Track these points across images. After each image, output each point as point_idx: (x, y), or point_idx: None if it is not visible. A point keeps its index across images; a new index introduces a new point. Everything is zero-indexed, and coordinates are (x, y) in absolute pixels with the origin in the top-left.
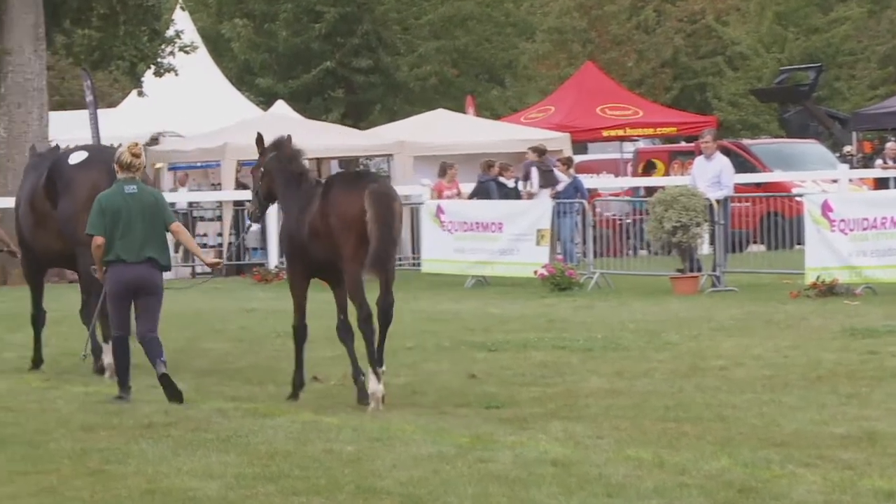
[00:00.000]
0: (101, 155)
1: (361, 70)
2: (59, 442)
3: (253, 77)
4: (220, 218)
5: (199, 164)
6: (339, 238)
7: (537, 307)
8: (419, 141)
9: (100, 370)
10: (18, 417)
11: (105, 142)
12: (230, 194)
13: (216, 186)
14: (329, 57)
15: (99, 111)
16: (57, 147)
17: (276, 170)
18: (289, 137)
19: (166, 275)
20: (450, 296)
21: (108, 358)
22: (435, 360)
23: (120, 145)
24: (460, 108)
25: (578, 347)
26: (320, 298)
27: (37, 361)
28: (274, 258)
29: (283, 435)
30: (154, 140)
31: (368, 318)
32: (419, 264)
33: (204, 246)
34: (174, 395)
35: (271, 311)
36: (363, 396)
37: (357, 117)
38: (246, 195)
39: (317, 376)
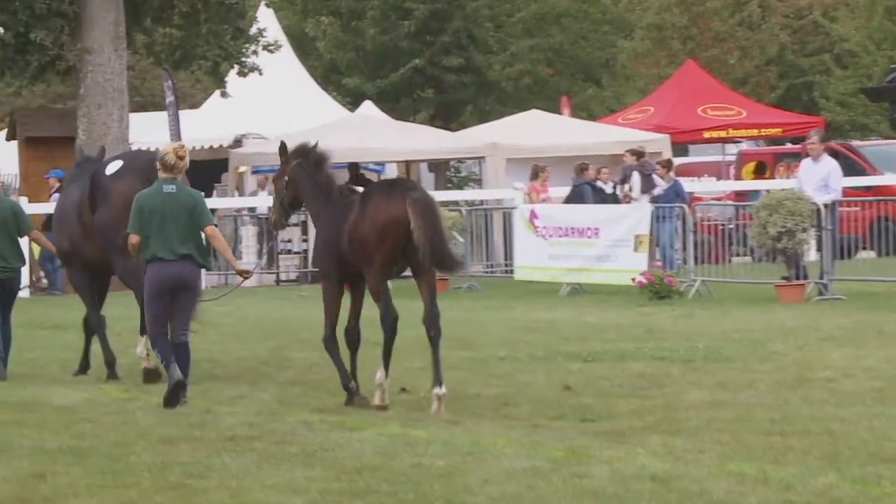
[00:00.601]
0: (134, 163)
1: (452, 69)
2: (139, 455)
3: (339, 76)
4: (304, 223)
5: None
6: (373, 244)
7: (635, 316)
8: (512, 143)
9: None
10: (97, 429)
11: (189, 143)
12: None
13: None
14: (418, 55)
15: (180, 112)
16: (102, 151)
17: (303, 178)
18: (315, 144)
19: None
20: (544, 304)
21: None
22: (528, 371)
23: (157, 149)
24: (555, 109)
25: (678, 358)
26: (411, 306)
27: (83, 367)
28: None
29: (370, 449)
30: (237, 142)
31: (394, 323)
32: (512, 271)
33: (288, 252)
34: (172, 400)
35: (365, 318)
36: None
37: (447, 118)
38: None
39: (405, 387)
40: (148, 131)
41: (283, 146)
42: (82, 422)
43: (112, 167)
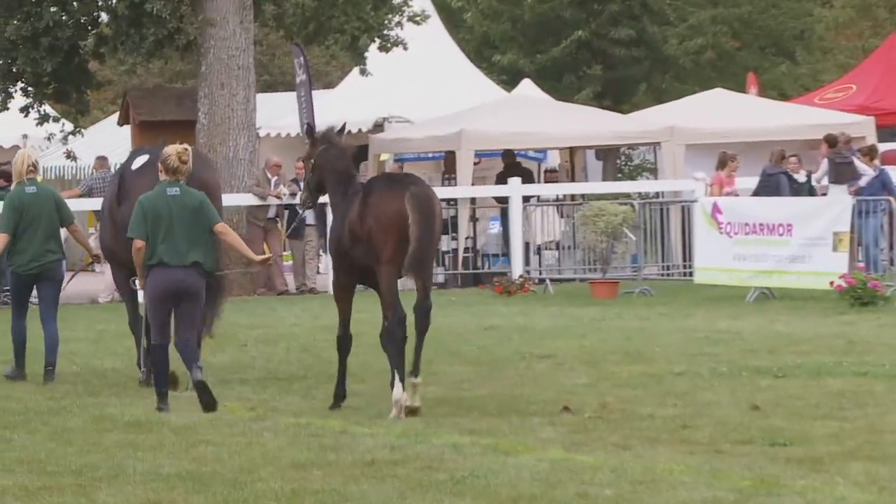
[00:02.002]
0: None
1: (622, 42)
2: (266, 482)
3: (493, 51)
4: (453, 218)
5: (429, 155)
6: (377, 241)
7: (834, 325)
8: (692, 126)
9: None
10: (220, 453)
11: (320, 128)
12: (466, 190)
13: (449, 181)
14: (583, 27)
15: (313, 93)
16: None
17: (327, 165)
18: (340, 129)
19: None
20: (728, 311)
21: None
22: (710, 389)
23: (186, 148)
24: (741, 88)
25: (883, 374)
26: (589, 314)
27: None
28: (518, 266)
29: (528, 476)
30: (378, 127)
31: (401, 323)
32: (691, 274)
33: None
34: (209, 404)
35: (516, 328)
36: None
37: (617, 98)
38: (484, 191)
39: (567, 406)
40: (277, 114)
41: (310, 128)
42: (203, 444)
43: (138, 161)
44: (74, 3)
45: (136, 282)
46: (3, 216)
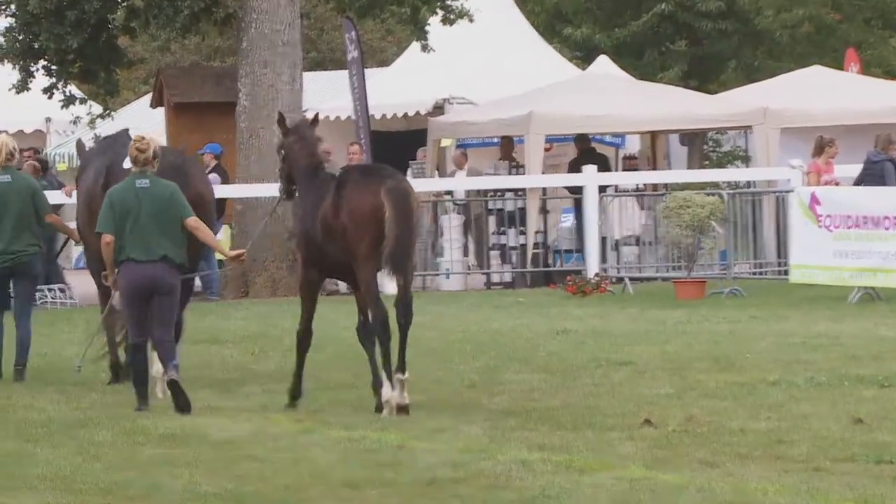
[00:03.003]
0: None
1: (709, 15)
2: (316, 502)
3: (566, 25)
4: (522, 210)
5: (495, 140)
6: (353, 237)
7: None
8: (787, 108)
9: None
10: (265, 469)
11: (374, 111)
12: (535, 180)
13: (517, 169)
14: None
15: (366, 71)
16: (125, 133)
17: (295, 156)
18: (313, 120)
19: None
20: (827, 314)
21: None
22: (807, 400)
23: (182, 148)
24: (840, 65)
25: None
26: (673, 317)
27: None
28: (594, 264)
29: (605, 496)
30: (438, 108)
31: (385, 322)
32: (786, 272)
33: (502, 248)
34: (182, 405)
35: (591, 332)
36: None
37: (703, 77)
38: (556, 180)
39: (648, 419)
40: (326, 95)
41: (281, 118)
42: (246, 460)
43: (128, 161)
44: None
45: (107, 278)
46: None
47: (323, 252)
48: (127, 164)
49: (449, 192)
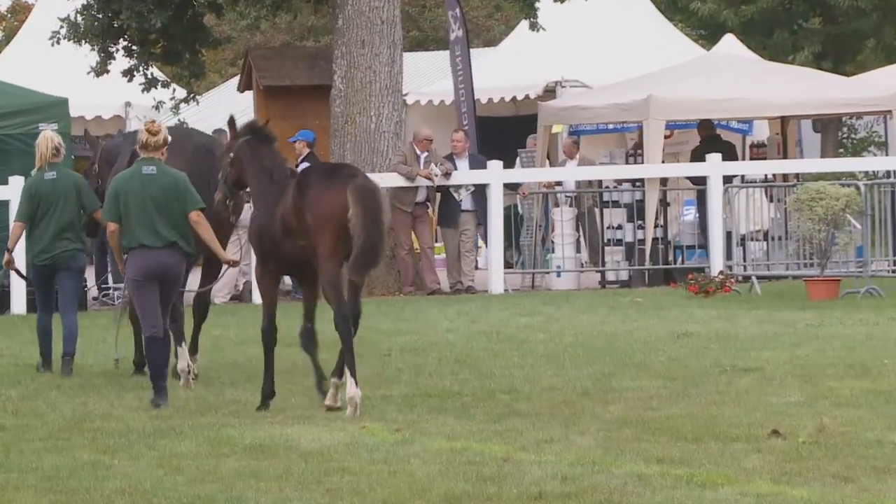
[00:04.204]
0: (183, 144)
1: None
2: None
3: (689, 1)
4: (640, 202)
5: (610, 127)
6: (315, 236)
7: None
8: None
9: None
10: (359, 483)
11: (480, 95)
12: (655, 169)
13: (635, 158)
14: None
15: (472, 52)
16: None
17: (248, 157)
18: (265, 122)
19: None
20: None
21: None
22: None
23: (217, 131)
24: None
25: None
26: (804, 319)
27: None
28: (718, 261)
29: None
30: (549, 92)
31: (346, 319)
32: None
33: (619, 243)
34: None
35: (714, 335)
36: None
37: (839, 57)
38: (677, 170)
39: (777, 429)
40: (427, 77)
41: (231, 120)
42: (338, 472)
43: (138, 145)
44: None
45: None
46: (19, 204)
47: (282, 250)
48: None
49: (560, 183)
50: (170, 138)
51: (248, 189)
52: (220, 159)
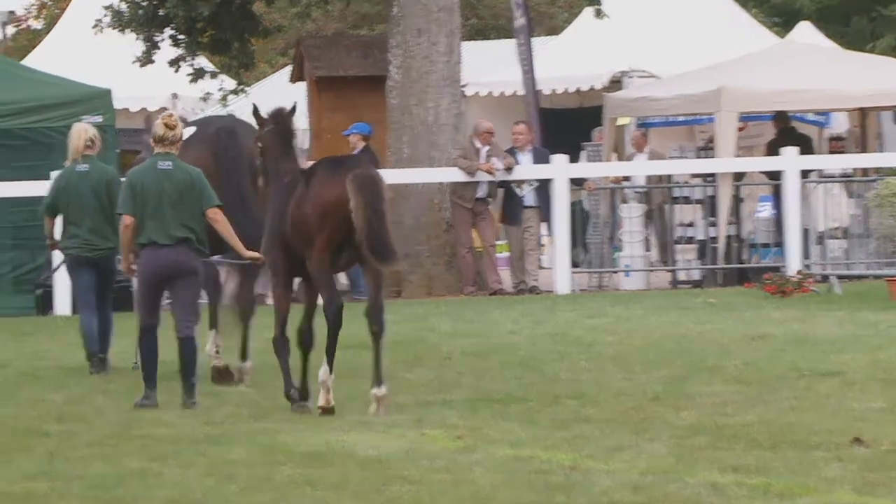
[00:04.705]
0: (204, 130)
1: None
2: None
3: None
4: (712, 198)
5: (680, 119)
6: (313, 228)
7: None
8: None
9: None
10: (420, 493)
11: (543, 86)
12: (728, 164)
13: (706, 152)
14: None
15: (534, 41)
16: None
17: (270, 148)
18: (291, 110)
19: None
20: None
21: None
22: None
23: (230, 114)
24: None
25: None
26: (887, 320)
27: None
28: (795, 259)
29: None
30: (615, 83)
31: (339, 309)
32: None
33: (689, 241)
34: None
35: (792, 338)
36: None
37: None
38: (751, 164)
39: (859, 437)
40: (487, 68)
41: (255, 110)
42: (398, 481)
43: (184, 134)
44: None
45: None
46: (46, 196)
47: (291, 250)
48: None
49: (628, 178)
50: (190, 131)
51: None
52: (254, 144)
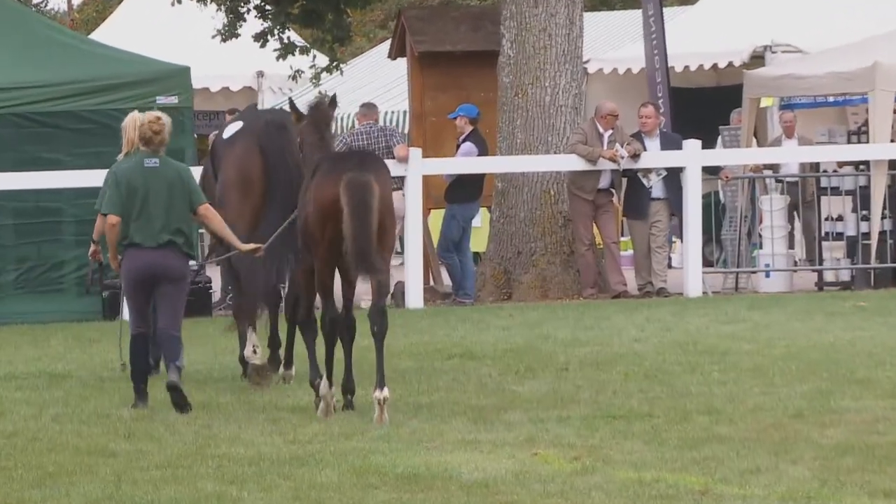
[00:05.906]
0: (251, 123)
1: None
2: None
3: None
4: (864, 189)
5: (830, 100)
6: (315, 230)
7: None
8: None
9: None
10: None
11: (675, 62)
12: (882, 150)
13: (858, 136)
14: None
15: (665, 12)
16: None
17: (307, 141)
18: (331, 101)
19: None
20: None
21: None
22: None
23: (281, 108)
24: None
25: None
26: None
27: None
28: None
29: None
30: (757, 59)
31: (333, 322)
32: None
33: (839, 237)
34: (181, 405)
35: None
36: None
37: None
38: None
39: None
40: (612, 42)
41: (291, 103)
42: None
43: (230, 129)
44: None
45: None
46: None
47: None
48: (228, 132)
49: (770, 167)
50: (235, 126)
51: None
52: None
